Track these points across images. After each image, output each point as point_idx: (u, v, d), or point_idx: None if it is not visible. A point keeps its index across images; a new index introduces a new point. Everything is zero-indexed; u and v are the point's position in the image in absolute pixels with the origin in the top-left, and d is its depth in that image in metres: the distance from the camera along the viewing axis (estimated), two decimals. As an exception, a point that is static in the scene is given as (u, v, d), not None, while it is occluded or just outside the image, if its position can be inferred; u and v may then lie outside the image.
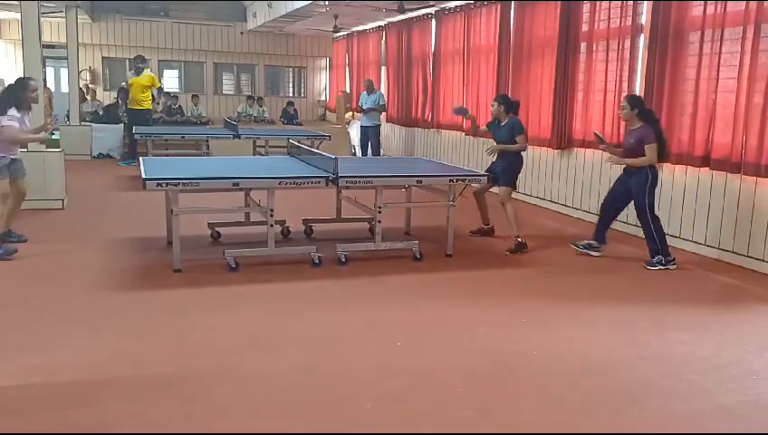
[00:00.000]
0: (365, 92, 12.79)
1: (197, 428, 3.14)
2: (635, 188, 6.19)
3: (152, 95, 12.87)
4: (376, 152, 12.56)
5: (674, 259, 6.25)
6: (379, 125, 12.83)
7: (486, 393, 3.62)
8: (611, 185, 6.75)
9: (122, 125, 14.22)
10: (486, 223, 7.43)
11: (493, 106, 7.13)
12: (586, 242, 6.67)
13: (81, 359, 3.87)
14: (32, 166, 6.43)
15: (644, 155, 6.05)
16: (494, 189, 7.17)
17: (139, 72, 12.61)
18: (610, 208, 6.57)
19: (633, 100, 6.25)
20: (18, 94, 6.16)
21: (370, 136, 12.65)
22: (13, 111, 6.07)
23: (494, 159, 7.15)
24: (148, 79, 12.56)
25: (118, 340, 4.19)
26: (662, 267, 6.20)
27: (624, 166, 6.34)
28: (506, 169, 6.98)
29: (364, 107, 12.55)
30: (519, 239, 6.71)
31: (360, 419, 3.29)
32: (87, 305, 4.81)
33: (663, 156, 6.31)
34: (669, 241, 6.97)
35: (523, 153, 7.09)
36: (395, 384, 3.68)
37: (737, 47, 6.23)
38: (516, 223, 6.79)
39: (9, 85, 6.52)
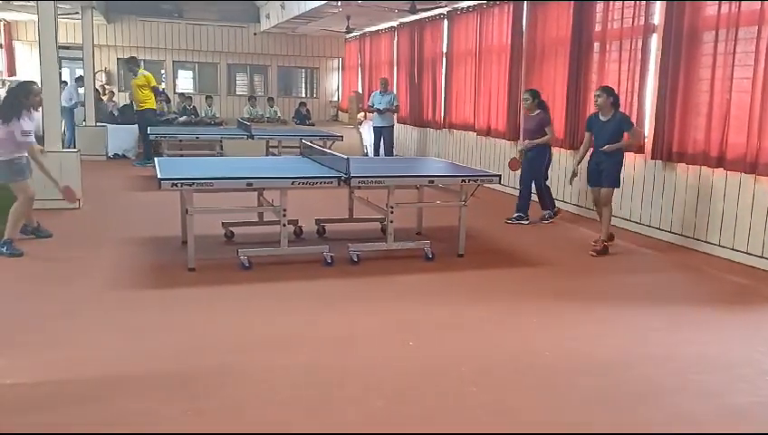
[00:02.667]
0: (378, 92, 12.73)
1: (210, 425, 3.17)
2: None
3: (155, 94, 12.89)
4: (389, 153, 12.56)
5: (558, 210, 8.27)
6: (393, 126, 12.80)
7: (498, 393, 3.63)
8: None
9: (137, 126, 14.34)
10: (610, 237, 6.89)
11: (599, 98, 6.68)
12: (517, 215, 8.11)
13: (95, 356, 3.93)
14: (49, 166, 6.50)
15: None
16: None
17: (134, 73, 12.69)
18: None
19: (532, 92, 8.05)
20: (21, 100, 6.21)
21: (384, 136, 12.62)
22: (24, 118, 6.15)
23: (596, 159, 6.76)
24: (142, 79, 12.55)
25: (132, 337, 4.24)
26: (520, 222, 8.03)
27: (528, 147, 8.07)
28: (614, 167, 6.67)
29: (377, 107, 12.47)
30: (606, 243, 6.69)
31: (372, 417, 3.31)
32: (102, 303, 4.87)
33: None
34: (682, 241, 7.01)
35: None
36: (406, 383, 3.70)
37: (752, 47, 6.19)
38: (608, 226, 6.77)
39: (11, 89, 6.59)
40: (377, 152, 12.78)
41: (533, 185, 8.28)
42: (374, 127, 12.90)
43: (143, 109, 12.52)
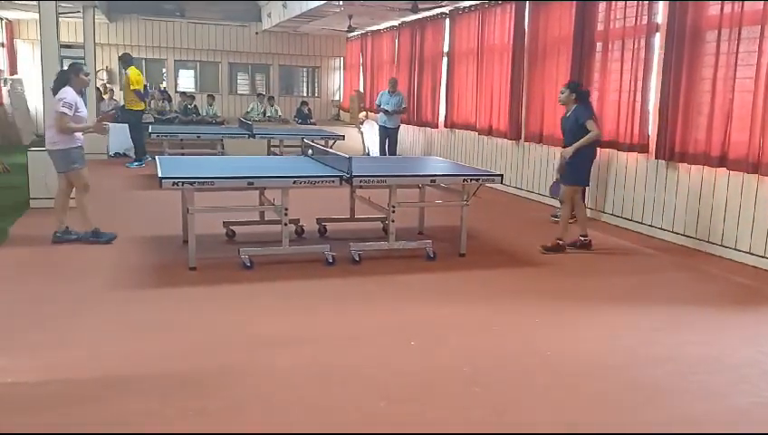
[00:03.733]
0: (386, 91, 12.49)
1: (211, 425, 3.16)
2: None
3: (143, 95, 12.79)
4: (392, 153, 12.49)
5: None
6: (398, 127, 12.62)
7: (501, 393, 3.62)
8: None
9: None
10: (584, 234, 6.85)
11: (562, 94, 6.71)
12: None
13: (97, 356, 3.92)
14: (49, 164, 6.50)
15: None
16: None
17: (125, 70, 12.62)
18: None
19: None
20: (70, 76, 6.31)
21: (390, 137, 12.44)
22: (68, 90, 6.18)
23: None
24: (125, 79, 12.43)
25: (133, 337, 4.23)
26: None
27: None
28: (574, 166, 6.60)
29: (384, 107, 12.25)
30: (560, 241, 6.67)
31: (374, 417, 3.30)
32: (103, 303, 4.86)
33: None
34: (685, 242, 7.01)
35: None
36: (408, 383, 3.69)
37: (755, 46, 6.18)
38: (566, 226, 6.75)
39: (62, 70, 6.66)
40: (382, 153, 12.65)
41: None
42: (380, 127, 12.65)
43: (128, 109, 12.37)
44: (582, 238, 6.79)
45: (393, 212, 6.16)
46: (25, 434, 3.05)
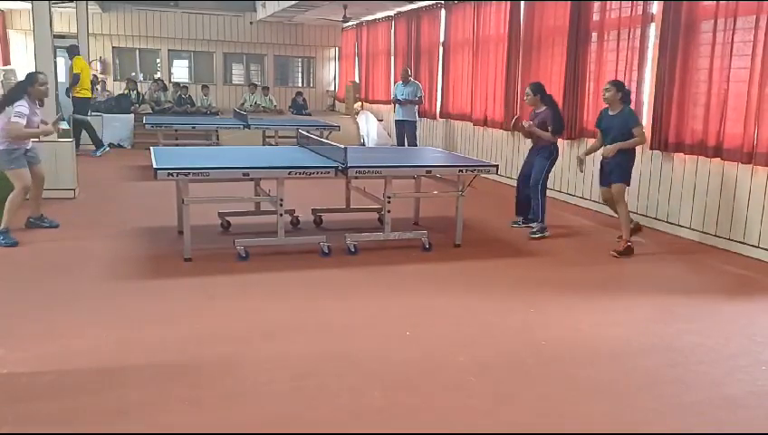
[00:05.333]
0: (400, 83, 11.96)
1: (208, 415, 3.17)
2: (540, 163, 7.08)
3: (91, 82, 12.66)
4: None
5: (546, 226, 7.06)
6: (416, 121, 11.93)
7: (496, 382, 3.63)
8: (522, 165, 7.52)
9: (132, 115, 14.31)
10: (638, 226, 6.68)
11: (608, 92, 6.34)
12: (522, 219, 7.40)
13: (93, 347, 3.91)
14: (43, 156, 6.49)
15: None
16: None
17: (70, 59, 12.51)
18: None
19: (537, 87, 7.26)
20: (26, 88, 6.28)
21: (407, 131, 11.79)
22: (22, 103, 6.15)
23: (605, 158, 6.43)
24: (77, 66, 12.21)
25: (129, 328, 4.23)
26: (541, 235, 6.88)
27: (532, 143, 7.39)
28: (619, 165, 6.33)
29: (400, 98, 11.76)
30: (629, 243, 6.31)
31: (370, 407, 3.31)
32: (99, 294, 4.86)
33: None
34: (680, 232, 7.03)
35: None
36: (404, 373, 3.70)
37: (750, 36, 6.18)
38: (627, 225, 6.36)
39: (19, 81, 6.62)
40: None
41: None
42: (396, 121, 12.03)
43: (76, 96, 12.17)
44: (628, 242, 6.40)
45: (389, 203, 6.16)
46: (25, 434, 3.05)
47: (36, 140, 6.61)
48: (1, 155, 6.16)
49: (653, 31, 7.46)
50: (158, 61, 18.86)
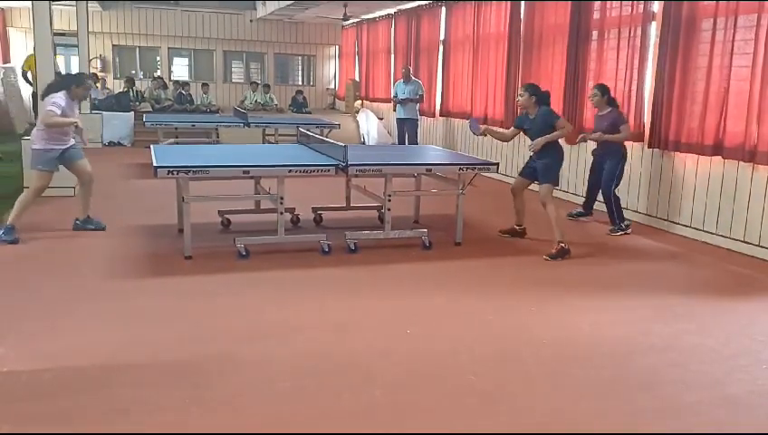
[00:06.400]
0: (401, 81, 11.93)
1: (209, 414, 3.17)
2: (611, 167, 7.13)
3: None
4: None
5: (629, 222, 7.22)
6: (417, 119, 11.91)
7: (497, 381, 3.63)
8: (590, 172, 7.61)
9: (132, 114, 14.30)
10: (520, 224, 6.81)
11: (521, 97, 6.49)
12: (578, 211, 7.76)
13: (93, 345, 3.91)
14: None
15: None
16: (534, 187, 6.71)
17: None
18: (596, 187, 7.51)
19: (603, 88, 7.22)
20: (70, 84, 6.26)
21: (407, 130, 11.76)
22: (61, 96, 6.12)
23: (533, 155, 6.53)
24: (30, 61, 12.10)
25: (130, 326, 4.23)
26: (623, 232, 7.08)
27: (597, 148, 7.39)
28: (549, 165, 6.38)
29: (401, 97, 11.73)
30: (562, 245, 6.10)
31: (370, 406, 3.31)
32: (99, 292, 4.85)
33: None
34: (680, 231, 7.03)
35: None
36: (404, 372, 3.69)
37: (751, 35, 6.17)
38: (559, 225, 6.22)
39: (68, 73, 6.58)
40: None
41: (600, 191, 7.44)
42: (397, 119, 11.97)
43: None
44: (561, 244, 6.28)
45: (389, 201, 6.15)
46: (25, 434, 3.04)
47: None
48: (37, 153, 6.15)
49: (654, 29, 7.45)
50: (158, 59, 18.86)
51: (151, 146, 7.09)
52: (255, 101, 17.15)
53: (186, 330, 4.20)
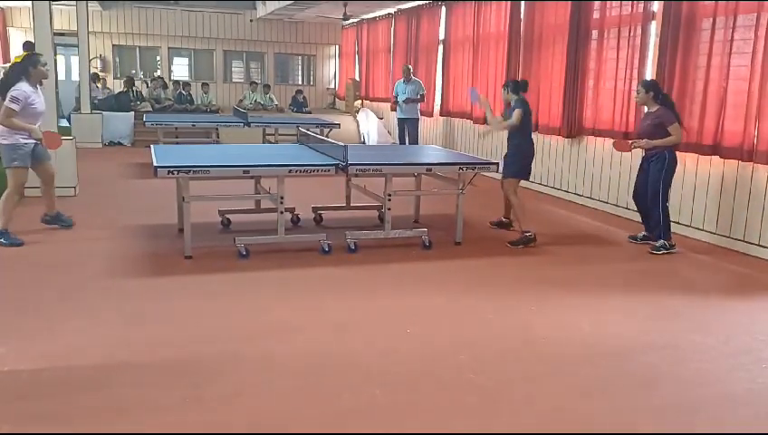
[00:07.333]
0: (401, 81, 11.94)
1: (208, 413, 3.17)
2: (655, 173, 6.33)
3: None
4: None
5: (674, 244, 6.43)
6: (418, 118, 11.95)
7: (496, 380, 3.63)
8: (636, 177, 6.74)
9: (132, 113, 14.30)
10: (507, 216, 7.17)
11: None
12: (642, 234, 6.71)
13: (93, 344, 3.91)
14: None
15: (661, 138, 6.24)
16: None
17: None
18: (644, 198, 6.53)
19: (648, 83, 6.44)
20: (27, 69, 6.08)
21: (408, 129, 11.78)
22: (21, 85, 5.97)
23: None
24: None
25: (130, 325, 4.23)
26: (665, 251, 6.34)
27: (644, 153, 6.59)
28: (511, 159, 6.78)
29: (400, 97, 11.73)
30: (527, 233, 6.40)
31: (370, 405, 3.31)
32: (99, 291, 4.85)
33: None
34: (680, 230, 7.01)
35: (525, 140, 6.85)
36: (404, 371, 3.69)
37: (750, 34, 6.17)
38: (523, 215, 6.52)
39: (17, 63, 6.51)
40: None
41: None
42: (398, 119, 12.02)
43: None
44: (525, 233, 6.50)
45: (389, 201, 6.15)
46: (25, 434, 3.05)
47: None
48: (8, 149, 5.99)
49: (653, 29, 7.45)
50: (158, 58, 18.84)
51: (151, 146, 7.09)
52: (255, 100, 17.14)
53: (186, 329, 4.21)
